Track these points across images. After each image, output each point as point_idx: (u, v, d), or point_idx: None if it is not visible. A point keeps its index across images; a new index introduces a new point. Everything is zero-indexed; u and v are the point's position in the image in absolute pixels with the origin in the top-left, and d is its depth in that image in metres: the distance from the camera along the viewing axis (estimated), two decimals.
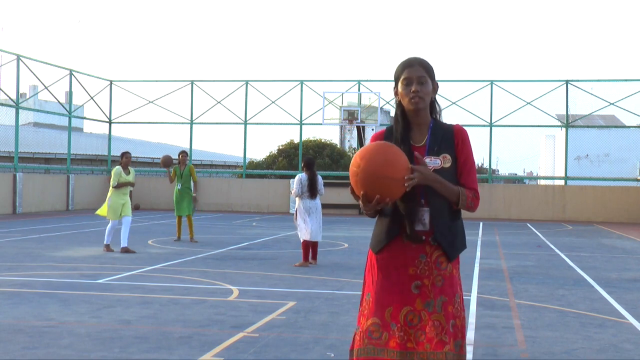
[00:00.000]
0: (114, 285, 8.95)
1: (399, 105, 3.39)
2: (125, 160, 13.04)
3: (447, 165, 3.30)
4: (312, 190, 11.22)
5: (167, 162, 14.81)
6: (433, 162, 3.29)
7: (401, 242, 3.28)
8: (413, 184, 3.14)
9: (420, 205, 3.26)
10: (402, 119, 3.38)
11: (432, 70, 3.37)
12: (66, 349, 5.62)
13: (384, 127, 3.50)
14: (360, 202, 3.19)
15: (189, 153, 23.30)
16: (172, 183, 15.18)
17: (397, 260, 3.27)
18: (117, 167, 12.93)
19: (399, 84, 3.36)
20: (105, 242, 12.74)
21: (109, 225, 12.76)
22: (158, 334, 6.21)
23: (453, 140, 3.35)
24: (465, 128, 3.42)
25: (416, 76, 3.30)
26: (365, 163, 3.12)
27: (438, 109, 3.44)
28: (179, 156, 15.26)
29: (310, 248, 11.22)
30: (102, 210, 12.82)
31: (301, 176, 11.31)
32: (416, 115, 3.35)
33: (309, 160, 11.45)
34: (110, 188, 12.83)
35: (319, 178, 11.41)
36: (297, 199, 11.35)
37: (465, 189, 3.31)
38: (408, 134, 3.35)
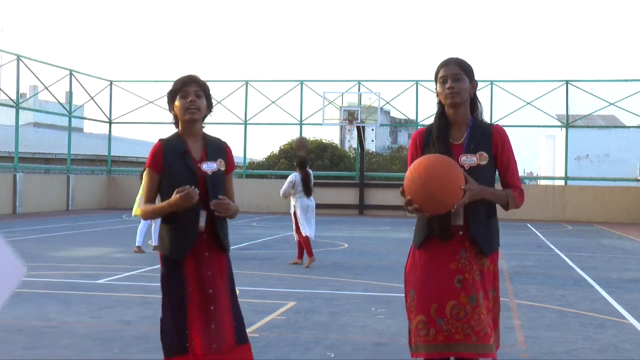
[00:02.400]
0: (114, 285, 8.95)
1: (440, 104, 3.50)
2: None
3: (484, 162, 3.40)
4: (307, 188, 11.23)
5: (303, 146, 12.59)
6: (469, 160, 3.39)
7: None
8: (462, 204, 3.26)
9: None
10: (441, 117, 3.48)
11: (470, 69, 3.48)
12: (66, 349, 5.62)
13: (424, 127, 3.60)
14: (404, 201, 3.31)
15: None
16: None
17: (439, 256, 3.38)
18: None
19: (437, 83, 3.47)
20: (137, 244, 12.64)
21: (141, 226, 12.71)
22: (158, 334, 6.19)
23: (491, 140, 3.44)
24: (504, 128, 3.52)
25: (451, 73, 3.42)
26: (425, 176, 3.23)
27: (480, 108, 3.54)
28: None
29: (309, 244, 11.16)
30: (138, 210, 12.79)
31: (294, 176, 11.32)
32: (455, 113, 3.44)
33: (302, 160, 11.46)
34: (142, 187, 12.78)
35: (311, 175, 11.48)
36: (292, 198, 11.34)
37: (510, 188, 3.46)
38: (447, 132, 3.45)
